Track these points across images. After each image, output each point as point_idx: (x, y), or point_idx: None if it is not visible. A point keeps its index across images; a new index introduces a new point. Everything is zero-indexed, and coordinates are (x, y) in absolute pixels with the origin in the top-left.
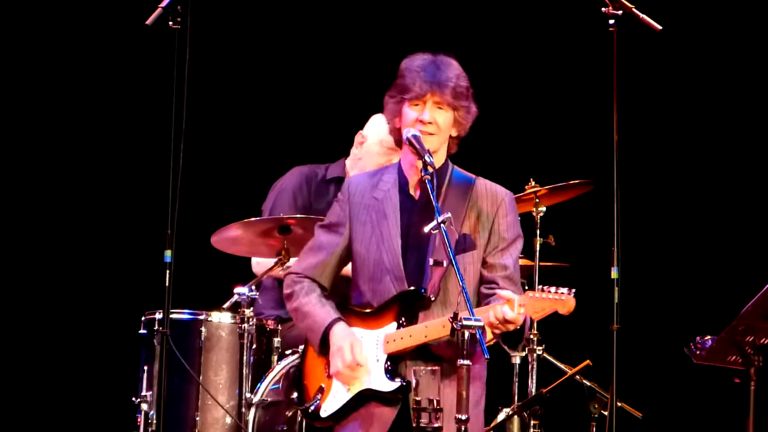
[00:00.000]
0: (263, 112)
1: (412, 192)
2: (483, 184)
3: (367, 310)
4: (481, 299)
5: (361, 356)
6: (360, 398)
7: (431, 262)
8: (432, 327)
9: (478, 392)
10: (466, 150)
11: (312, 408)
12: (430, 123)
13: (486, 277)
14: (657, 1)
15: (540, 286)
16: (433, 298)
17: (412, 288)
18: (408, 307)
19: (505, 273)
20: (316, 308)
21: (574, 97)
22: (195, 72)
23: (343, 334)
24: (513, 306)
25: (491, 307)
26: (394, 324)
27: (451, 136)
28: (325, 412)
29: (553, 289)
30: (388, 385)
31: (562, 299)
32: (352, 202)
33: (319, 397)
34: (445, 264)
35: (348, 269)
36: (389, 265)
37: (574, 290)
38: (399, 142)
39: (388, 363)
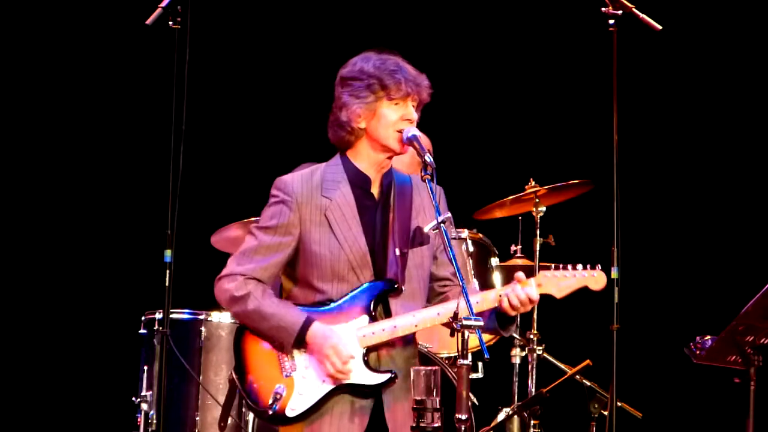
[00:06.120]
0: (263, 112)
1: (373, 190)
2: (418, 180)
3: (332, 305)
4: (432, 296)
5: (348, 352)
6: (332, 393)
7: (397, 252)
8: (404, 321)
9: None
10: (467, 150)
11: (272, 411)
12: (414, 121)
13: (437, 275)
14: (657, 1)
15: (560, 265)
16: (404, 288)
17: (380, 279)
18: (379, 298)
19: (453, 269)
20: (281, 308)
21: (574, 97)
22: (195, 72)
23: (324, 334)
24: (532, 287)
25: (510, 287)
26: (365, 317)
27: None
28: (292, 412)
29: (579, 266)
30: (375, 378)
31: (593, 276)
32: (300, 202)
33: (278, 397)
34: (405, 252)
35: None
36: (356, 263)
37: (599, 265)
38: (350, 142)
39: (366, 356)
